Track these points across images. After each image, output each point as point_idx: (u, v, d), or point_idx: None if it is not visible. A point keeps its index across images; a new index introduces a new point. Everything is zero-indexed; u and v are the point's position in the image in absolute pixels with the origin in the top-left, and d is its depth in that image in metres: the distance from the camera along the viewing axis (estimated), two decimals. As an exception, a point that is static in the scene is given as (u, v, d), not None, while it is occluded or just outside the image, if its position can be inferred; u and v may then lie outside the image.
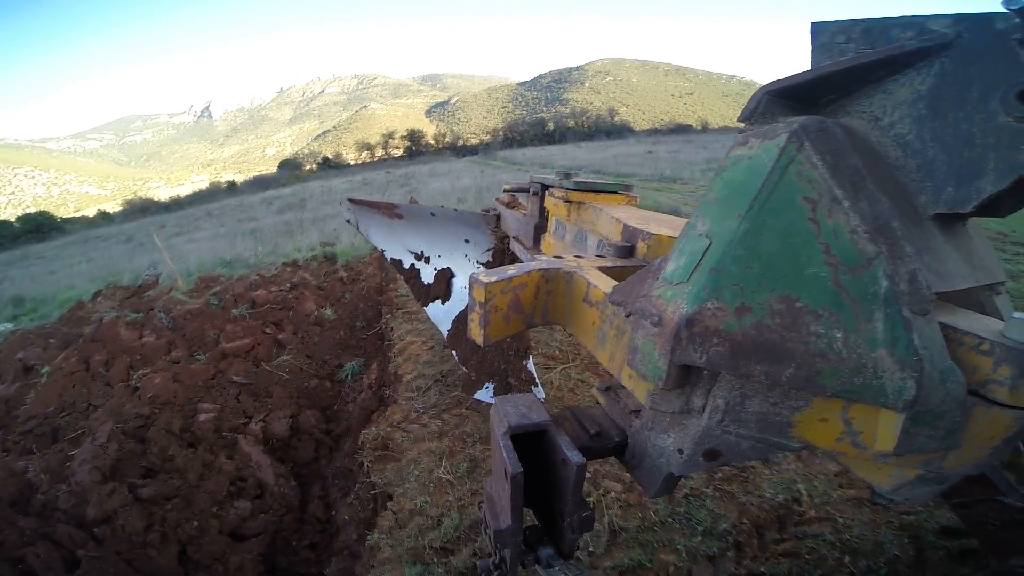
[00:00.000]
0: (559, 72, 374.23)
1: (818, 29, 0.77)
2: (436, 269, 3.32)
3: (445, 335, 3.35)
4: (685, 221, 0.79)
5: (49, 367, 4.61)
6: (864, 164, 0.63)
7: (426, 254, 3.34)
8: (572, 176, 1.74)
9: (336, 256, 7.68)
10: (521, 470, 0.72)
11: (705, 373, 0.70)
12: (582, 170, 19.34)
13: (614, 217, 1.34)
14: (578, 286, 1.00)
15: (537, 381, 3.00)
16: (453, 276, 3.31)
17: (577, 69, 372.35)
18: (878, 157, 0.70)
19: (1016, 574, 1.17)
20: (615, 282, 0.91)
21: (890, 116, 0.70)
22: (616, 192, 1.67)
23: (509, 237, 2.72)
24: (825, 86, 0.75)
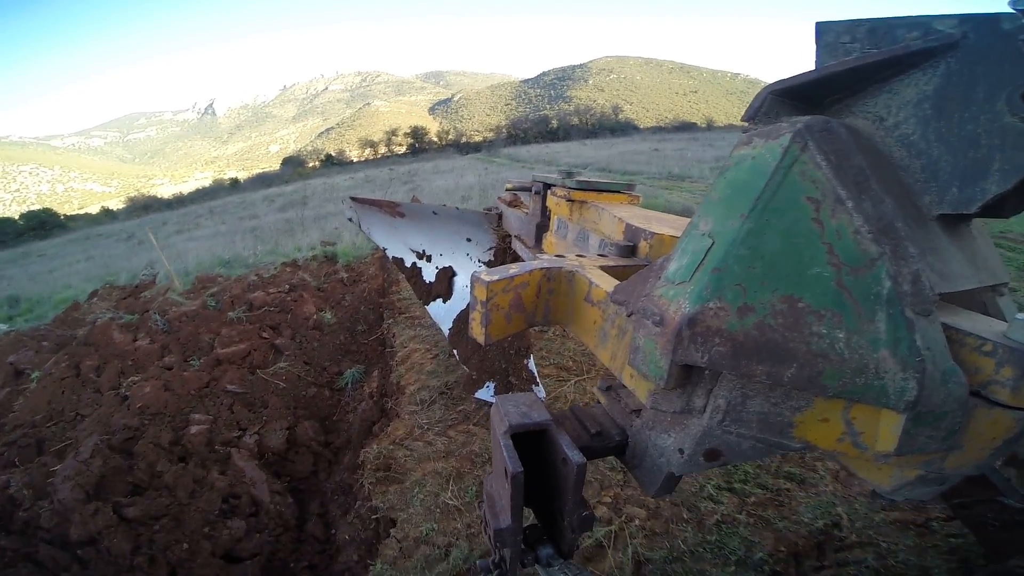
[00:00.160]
0: (562, 69, 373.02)
1: (823, 29, 0.77)
2: (438, 268, 3.33)
3: (447, 334, 3.36)
4: (687, 220, 0.79)
5: (39, 372, 4.37)
6: (868, 164, 0.63)
7: (428, 253, 3.35)
8: (574, 175, 1.74)
9: (337, 256, 7.51)
10: (521, 469, 0.72)
11: (706, 373, 0.70)
12: (587, 167, 19.10)
13: (616, 216, 1.34)
14: (580, 285, 0.99)
15: (538, 380, 3.00)
16: (455, 275, 3.31)
17: (580, 67, 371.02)
18: (882, 157, 0.69)
19: (1016, 574, 1.17)
20: (617, 281, 0.91)
21: (895, 116, 0.70)
22: (618, 191, 1.66)
23: (511, 236, 2.72)
24: (830, 86, 0.75)
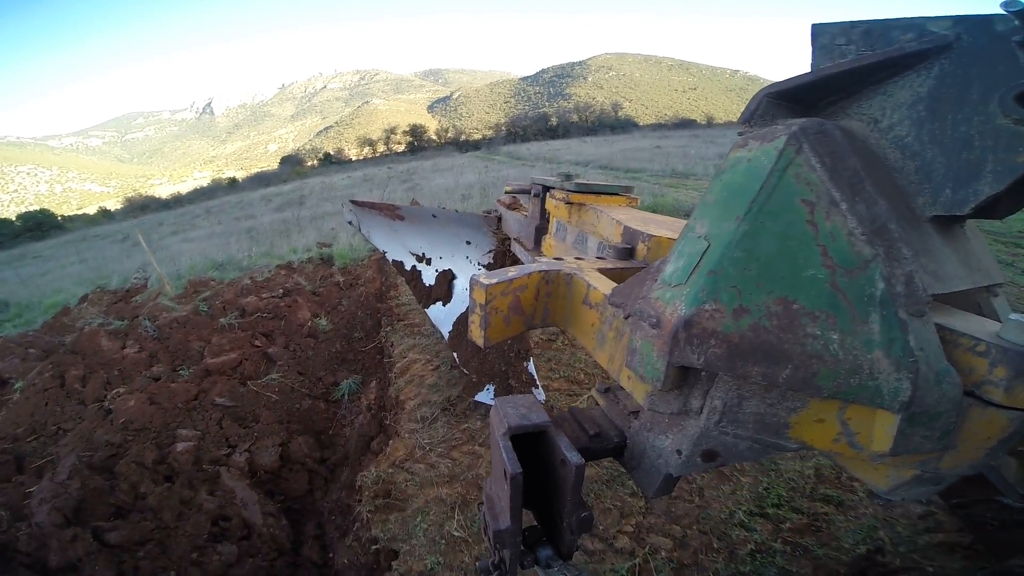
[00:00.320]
0: (561, 67, 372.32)
1: (819, 31, 0.77)
2: (437, 271, 3.33)
3: (446, 337, 3.37)
4: (685, 223, 0.80)
5: (23, 382, 4.15)
6: (863, 166, 0.63)
7: (427, 256, 3.35)
8: (573, 178, 1.75)
9: (333, 258, 7.26)
10: (520, 471, 0.72)
11: (703, 374, 0.70)
12: (589, 165, 18.92)
13: (614, 219, 1.34)
14: (578, 288, 1.00)
15: (537, 383, 3.01)
16: (454, 278, 3.31)
17: (579, 64, 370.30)
18: (877, 159, 0.70)
19: (1016, 574, 1.17)
20: (615, 284, 0.92)
21: (889, 118, 0.70)
22: (617, 193, 1.67)
23: (510, 239, 2.72)
24: (825, 88, 0.75)
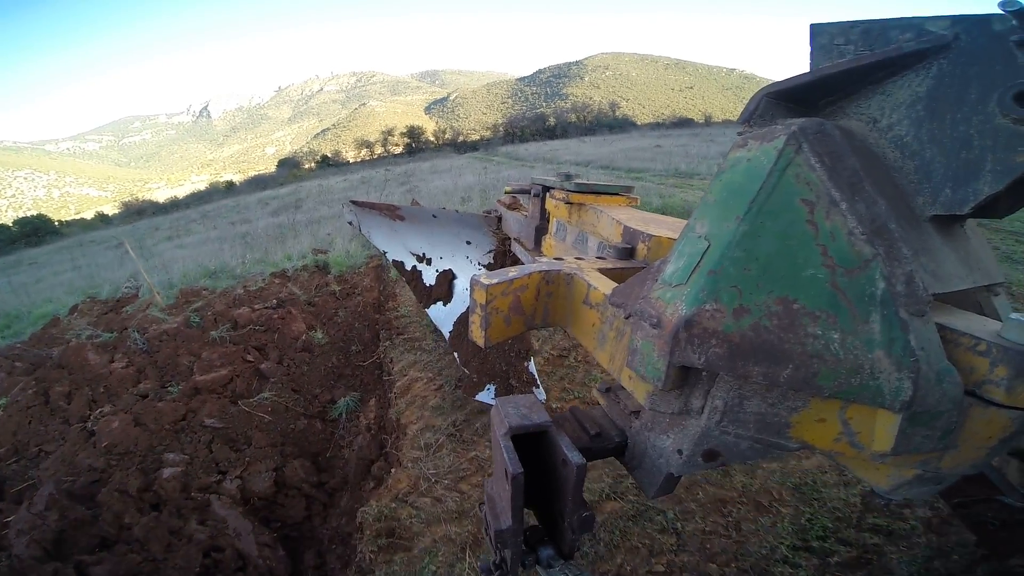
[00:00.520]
0: (558, 67, 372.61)
1: (817, 31, 0.77)
2: (438, 271, 3.33)
3: (447, 336, 3.37)
4: (685, 223, 0.80)
5: (6, 399, 3.93)
6: (862, 166, 0.64)
7: (428, 256, 3.35)
8: (573, 177, 1.75)
9: (329, 265, 6.96)
10: (521, 470, 0.72)
11: (704, 374, 0.70)
12: (590, 165, 18.78)
13: (614, 219, 1.34)
14: (578, 288, 1.00)
15: (538, 382, 3.01)
16: (455, 278, 3.32)
17: (576, 64, 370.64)
18: (876, 159, 0.70)
19: (1016, 574, 1.17)
20: (615, 284, 0.92)
21: (888, 118, 0.70)
22: (617, 193, 1.67)
23: (510, 239, 2.72)
24: (824, 88, 0.75)
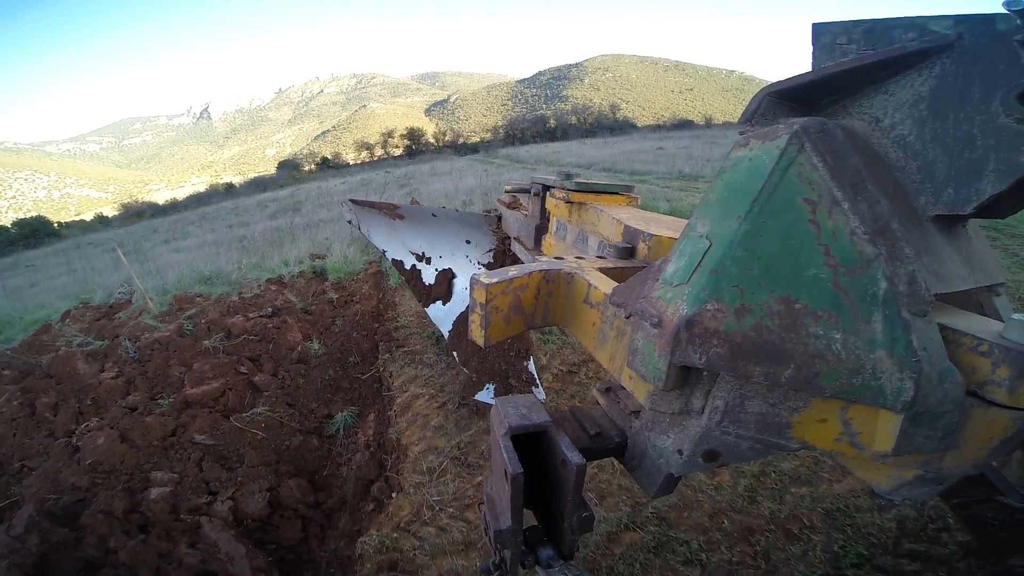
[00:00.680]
0: (558, 69, 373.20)
1: (820, 30, 0.77)
2: (437, 270, 3.33)
3: (446, 336, 3.36)
4: (686, 222, 0.80)
5: None
6: (864, 165, 0.63)
7: (427, 255, 3.35)
8: (573, 177, 1.75)
9: (326, 271, 6.77)
10: (521, 471, 0.72)
11: (704, 374, 0.70)
12: (592, 168, 18.64)
13: (615, 218, 1.34)
14: (579, 287, 1.00)
15: (538, 382, 3.01)
16: (454, 277, 3.31)
17: (576, 66, 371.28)
18: (878, 158, 0.70)
19: (1016, 574, 1.17)
20: (615, 283, 0.92)
21: (891, 117, 0.70)
22: (617, 193, 1.67)
23: (510, 238, 2.72)
24: (826, 87, 0.75)
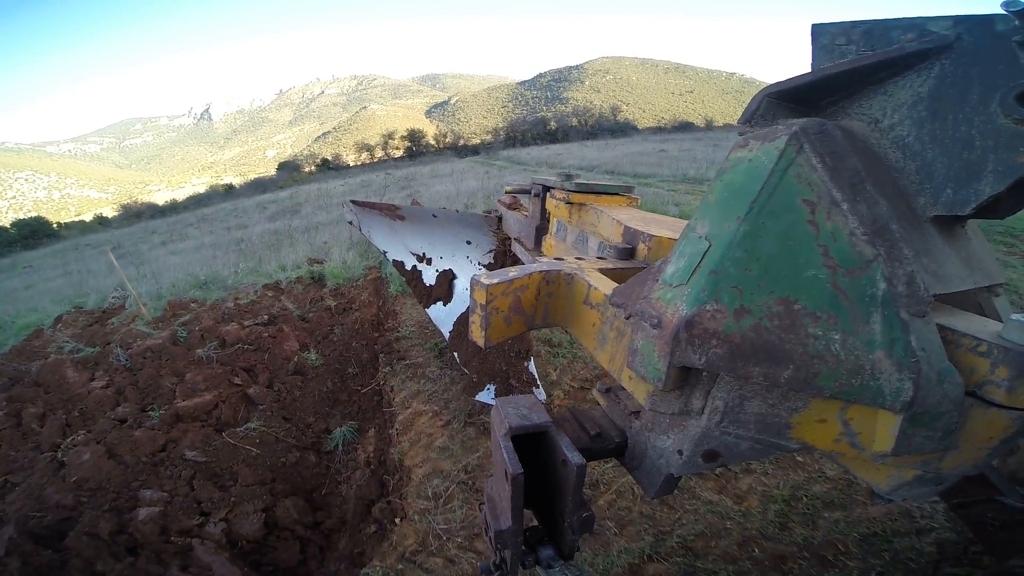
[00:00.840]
0: (559, 71, 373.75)
1: (819, 31, 0.78)
2: (438, 271, 3.33)
3: (447, 336, 3.37)
4: (686, 223, 0.80)
5: None
6: (863, 166, 0.63)
7: (428, 256, 3.35)
8: (574, 177, 1.75)
9: (325, 277, 6.58)
10: (521, 471, 0.72)
11: (704, 375, 0.70)
12: (594, 170, 18.52)
13: (615, 219, 1.34)
14: (579, 288, 1.00)
15: (538, 383, 3.00)
16: (455, 278, 3.32)
17: (577, 68, 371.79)
18: (878, 159, 0.70)
19: (1016, 574, 1.17)
20: (615, 284, 0.92)
21: (890, 118, 0.70)
22: (617, 193, 1.67)
23: (511, 239, 2.73)
24: (825, 88, 0.75)
